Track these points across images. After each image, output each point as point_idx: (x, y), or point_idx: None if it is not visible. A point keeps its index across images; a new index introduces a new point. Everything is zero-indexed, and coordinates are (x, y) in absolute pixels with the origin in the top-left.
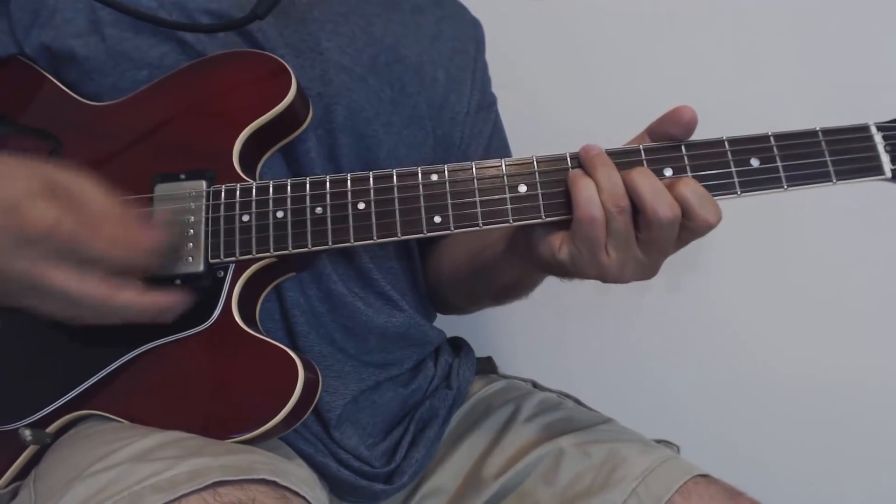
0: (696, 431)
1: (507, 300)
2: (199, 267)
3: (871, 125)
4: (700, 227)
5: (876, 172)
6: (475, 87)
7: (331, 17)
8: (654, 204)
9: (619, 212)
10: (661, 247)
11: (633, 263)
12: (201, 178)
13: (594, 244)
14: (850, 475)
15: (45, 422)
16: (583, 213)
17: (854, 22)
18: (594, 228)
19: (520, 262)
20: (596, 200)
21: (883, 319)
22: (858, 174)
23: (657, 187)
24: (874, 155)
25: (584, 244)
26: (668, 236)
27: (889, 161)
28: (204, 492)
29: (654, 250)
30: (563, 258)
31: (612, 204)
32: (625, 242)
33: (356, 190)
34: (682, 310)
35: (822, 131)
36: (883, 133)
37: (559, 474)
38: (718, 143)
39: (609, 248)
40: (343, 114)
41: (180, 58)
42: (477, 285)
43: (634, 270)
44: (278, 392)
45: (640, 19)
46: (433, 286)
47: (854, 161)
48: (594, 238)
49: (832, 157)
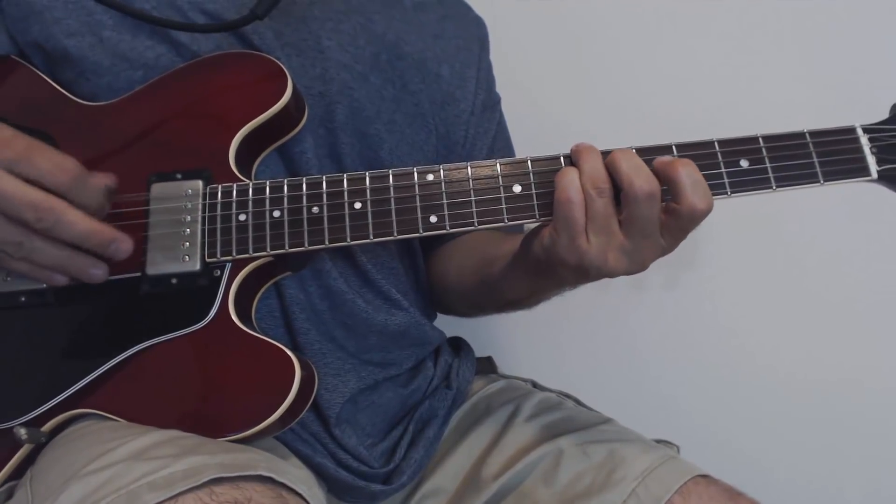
0: (696, 431)
1: (510, 311)
2: (195, 266)
3: (857, 127)
4: (687, 213)
5: (862, 174)
6: (480, 86)
7: (331, 15)
8: (630, 176)
9: (598, 193)
10: (643, 227)
11: (616, 250)
12: (198, 177)
13: (572, 227)
14: (850, 475)
15: (40, 420)
16: (561, 194)
17: (847, 22)
18: (572, 210)
19: (526, 276)
20: (575, 183)
21: (883, 318)
22: (845, 175)
23: (636, 164)
24: (860, 157)
25: (563, 227)
26: (648, 214)
27: (875, 162)
28: (200, 490)
29: (635, 232)
30: (545, 243)
31: (592, 185)
32: (605, 227)
33: (352, 189)
34: (681, 310)
35: (809, 133)
36: (869, 135)
37: (559, 474)
38: (709, 144)
39: (589, 233)
40: (344, 112)
41: (176, 58)
42: (483, 297)
43: (619, 258)
44: (274, 390)
45: (639, 21)
46: (437, 290)
47: (841, 162)
48: (572, 220)
49: (819, 159)
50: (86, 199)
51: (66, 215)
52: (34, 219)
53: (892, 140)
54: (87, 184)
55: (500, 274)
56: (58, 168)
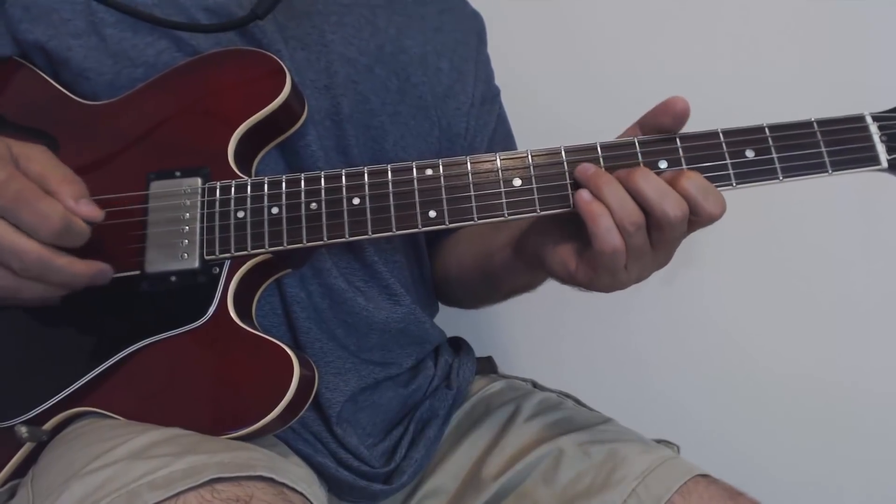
0: (696, 431)
1: (511, 298)
2: (194, 263)
3: (866, 115)
4: (706, 220)
5: (872, 163)
6: (479, 79)
7: (335, 8)
8: (661, 205)
9: (636, 229)
10: (674, 242)
11: (650, 266)
12: (196, 175)
13: (615, 270)
14: (850, 475)
15: (40, 419)
16: (605, 245)
17: (856, 10)
18: (616, 258)
19: (527, 269)
20: (614, 230)
21: (884, 317)
22: (854, 164)
23: (661, 188)
24: (870, 145)
25: (606, 271)
26: (679, 232)
27: (885, 151)
28: (201, 489)
29: (666, 247)
30: (581, 280)
31: (629, 223)
32: (642, 253)
33: (351, 185)
34: (682, 311)
35: (817, 122)
36: (879, 123)
37: (559, 474)
38: (713, 134)
39: (628, 266)
40: (349, 105)
41: (176, 55)
42: (483, 287)
43: (651, 267)
44: (274, 388)
45: (639, 11)
46: (441, 282)
47: (850, 151)
48: (616, 265)
49: (827, 148)
50: (71, 242)
51: (52, 264)
52: (20, 269)
53: None
54: (72, 231)
55: (500, 267)
56: (42, 221)
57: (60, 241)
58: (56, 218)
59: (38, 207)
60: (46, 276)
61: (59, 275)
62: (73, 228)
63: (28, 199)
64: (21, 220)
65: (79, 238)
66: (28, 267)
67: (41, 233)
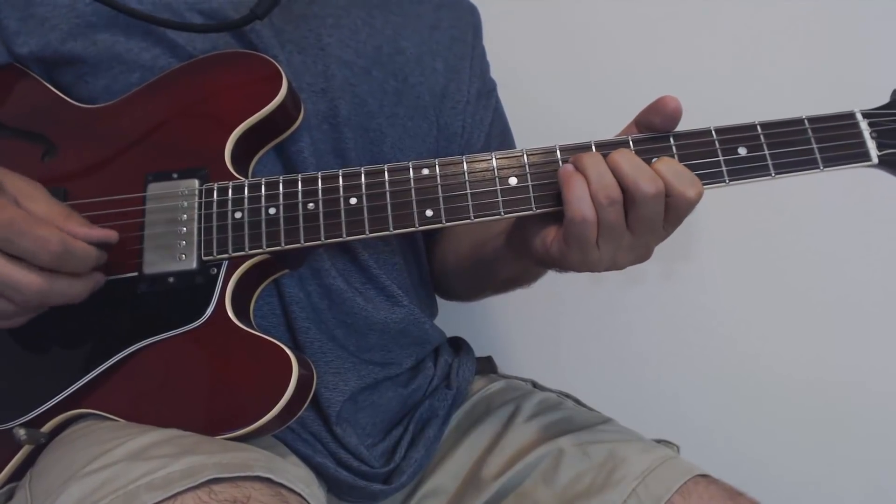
0: (696, 431)
1: (509, 290)
2: (191, 264)
3: (856, 112)
4: (680, 202)
5: (863, 159)
6: (474, 75)
7: (331, 11)
8: (636, 179)
9: (609, 203)
10: (650, 226)
11: (625, 250)
12: (193, 176)
13: (585, 243)
14: (850, 475)
15: (39, 421)
16: (574, 212)
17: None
18: (586, 228)
19: (516, 256)
20: (587, 199)
21: (884, 316)
22: (845, 161)
23: (638, 164)
24: (860, 142)
25: (575, 242)
26: (655, 213)
27: (875, 147)
28: (199, 489)
29: (643, 230)
30: (553, 254)
31: (604, 196)
32: (615, 232)
33: (348, 185)
34: (682, 311)
35: (808, 119)
36: (868, 120)
37: (559, 474)
38: (706, 132)
39: (600, 242)
40: (347, 108)
41: (172, 59)
42: (479, 277)
43: (627, 255)
44: (272, 388)
45: (635, 9)
46: (438, 274)
47: (840, 148)
48: (585, 237)
49: (819, 145)
50: (73, 267)
51: (52, 292)
52: (21, 301)
53: (892, 125)
54: (73, 254)
55: (492, 255)
56: (40, 247)
57: (62, 266)
58: (55, 241)
59: (35, 233)
60: (45, 303)
61: (60, 300)
62: (74, 251)
63: (22, 226)
64: (19, 247)
65: (82, 263)
66: (29, 300)
67: (41, 257)
